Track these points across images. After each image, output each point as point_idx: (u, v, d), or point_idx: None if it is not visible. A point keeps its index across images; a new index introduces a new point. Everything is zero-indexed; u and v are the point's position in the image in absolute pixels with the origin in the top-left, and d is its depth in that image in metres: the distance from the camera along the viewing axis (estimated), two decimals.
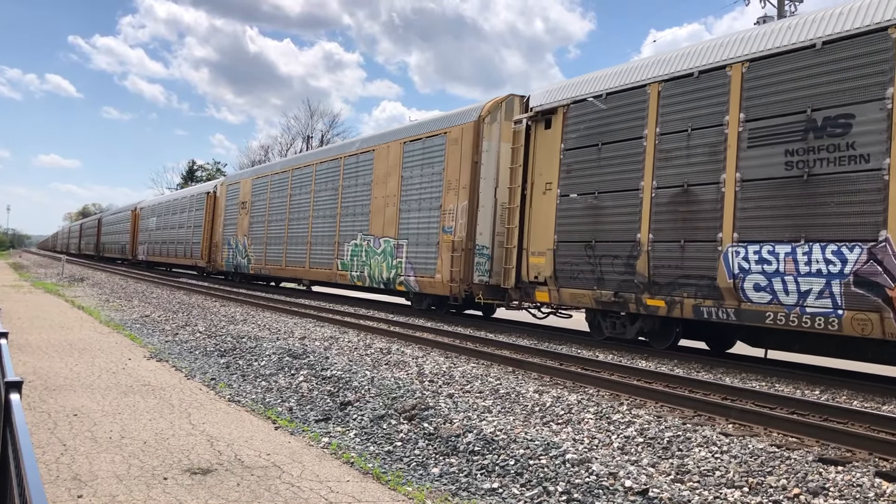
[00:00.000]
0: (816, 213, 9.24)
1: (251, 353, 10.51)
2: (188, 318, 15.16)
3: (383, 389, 7.72)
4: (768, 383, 9.21)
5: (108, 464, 5.09)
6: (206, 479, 4.90)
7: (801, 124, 9.49)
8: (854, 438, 6.15)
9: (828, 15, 9.59)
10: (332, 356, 9.93)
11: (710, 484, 4.99)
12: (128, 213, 53.11)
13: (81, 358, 9.59)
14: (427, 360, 9.95)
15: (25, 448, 1.83)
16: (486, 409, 7.06)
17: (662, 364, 10.66)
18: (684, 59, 11.29)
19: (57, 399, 7.06)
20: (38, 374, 8.30)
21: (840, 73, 9.20)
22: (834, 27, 9.37)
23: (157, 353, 10.39)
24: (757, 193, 9.92)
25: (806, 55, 9.60)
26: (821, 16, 9.70)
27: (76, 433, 5.86)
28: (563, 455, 5.44)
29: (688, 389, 8.44)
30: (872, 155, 8.77)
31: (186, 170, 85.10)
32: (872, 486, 4.88)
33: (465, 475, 5.36)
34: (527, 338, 13.44)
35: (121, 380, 8.24)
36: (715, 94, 10.64)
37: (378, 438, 6.32)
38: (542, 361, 10.17)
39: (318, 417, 7.08)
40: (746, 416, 6.99)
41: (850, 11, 9.31)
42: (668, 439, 6.00)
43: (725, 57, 10.64)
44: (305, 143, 64.66)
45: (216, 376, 9.00)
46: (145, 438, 5.81)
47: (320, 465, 5.41)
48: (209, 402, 7.39)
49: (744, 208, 10.05)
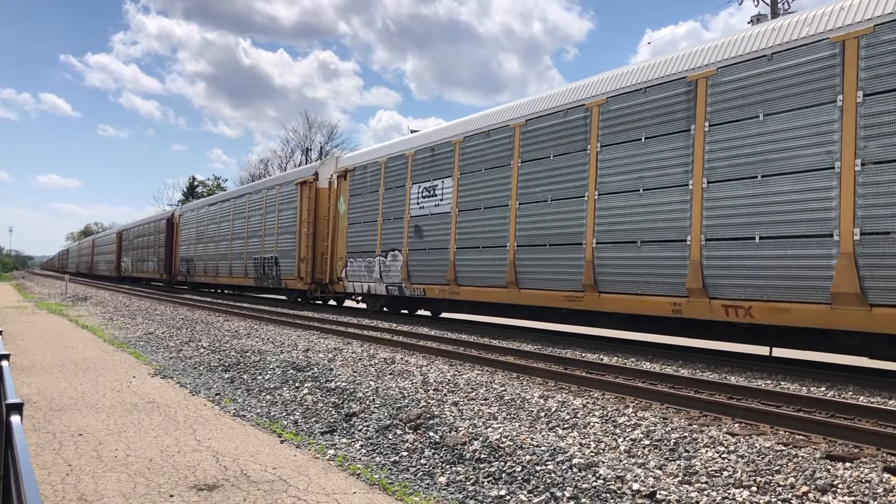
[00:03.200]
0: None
1: (255, 367, 10.50)
2: (192, 334, 15.17)
3: (388, 399, 7.71)
4: (774, 381, 9.18)
5: (113, 483, 5.08)
6: (213, 494, 4.89)
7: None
8: (861, 434, 6.12)
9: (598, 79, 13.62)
10: (337, 367, 9.92)
11: (718, 484, 4.97)
12: (161, 221, 44.56)
13: (86, 377, 9.59)
14: (431, 368, 9.94)
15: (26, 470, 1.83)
16: (492, 416, 7.05)
17: (667, 365, 10.64)
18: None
19: (62, 419, 7.05)
20: (42, 394, 8.29)
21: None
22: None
23: (162, 370, 10.38)
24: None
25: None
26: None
27: (81, 453, 5.85)
28: (570, 460, 5.42)
29: (693, 390, 8.42)
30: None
31: (187, 186, 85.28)
32: (881, 482, 4.86)
33: (472, 483, 5.35)
34: (531, 343, 13.42)
35: (125, 398, 8.23)
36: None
37: (384, 449, 6.31)
38: (547, 366, 10.15)
39: (323, 430, 7.07)
40: (753, 415, 6.97)
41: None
42: (674, 441, 5.98)
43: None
44: (304, 155, 64.83)
45: (221, 391, 8.99)
46: (151, 456, 5.80)
47: (326, 477, 5.40)
48: (214, 418, 7.38)
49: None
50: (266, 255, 27.49)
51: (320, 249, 23.89)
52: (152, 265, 45.25)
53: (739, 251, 10.28)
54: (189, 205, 44.56)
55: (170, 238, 41.88)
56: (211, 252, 34.54)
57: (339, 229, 22.47)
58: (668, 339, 13.73)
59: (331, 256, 23.03)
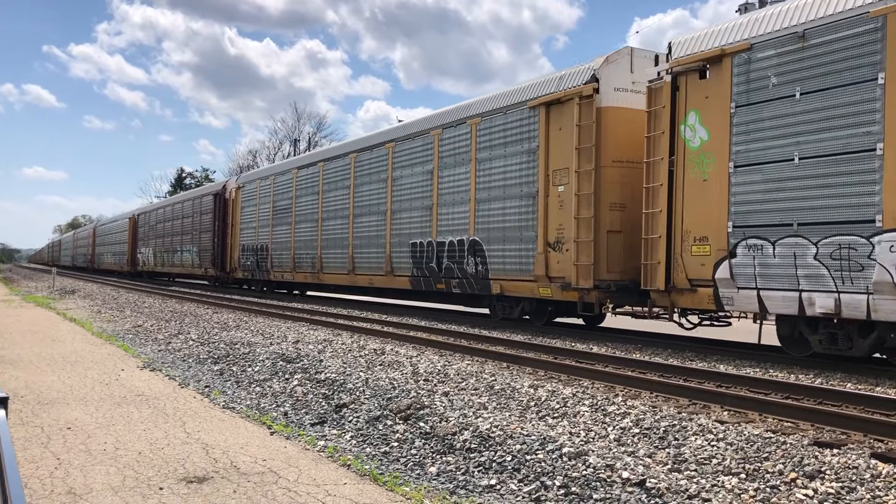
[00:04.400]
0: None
1: (245, 359, 10.47)
2: (181, 327, 15.11)
3: (378, 390, 7.71)
4: (762, 369, 9.24)
5: (103, 476, 5.06)
6: (203, 487, 4.87)
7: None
8: (849, 421, 6.17)
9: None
10: (326, 359, 9.90)
11: (707, 472, 5.00)
12: (206, 198, 32.70)
13: (74, 370, 9.53)
14: (421, 359, 9.94)
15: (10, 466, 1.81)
16: (482, 406, 7.06)
17: (657, 354, 10.68)
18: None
19: (50, 413, 7.01)
20: (30, 388, 8.24)
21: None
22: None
23: (151, 363, 10.34)
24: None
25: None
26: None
27: (70, 446, 5.82)
28: (560, 449, 5.44)
29: (682, 378, 8.46)
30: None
31: (175, 177, 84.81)
32: (868, 468, 4.89)
33: (462, 473, 5.35)
34: (521, 333, 13.44)
35: (114, 391, 8.19)
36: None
37: (374, 440, 6.30)
38: (537, 356, 10.17)
39: (313, 421, 7.06)
40: (741, 403, 7.01)
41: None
42: (664, 429, 6.00)
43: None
44: (293, 146, 64.52)
45: (210, 384, 8.96)
46: (140, 449, 5.78)
47: (317, 468, 5.39)
48: (204, 410, 7.36)
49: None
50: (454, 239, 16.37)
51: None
52: (189, 257, 34.37)
53: None
54: (255, 172, 32.15)
55: (222, 220, 30.48)
56: (306, 236, 23.71)
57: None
58: (659, 328, 13.79)
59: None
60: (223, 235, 30.25)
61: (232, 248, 29.57)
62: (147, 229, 43.74)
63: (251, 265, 27.69)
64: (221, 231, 30.43)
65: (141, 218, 46.02)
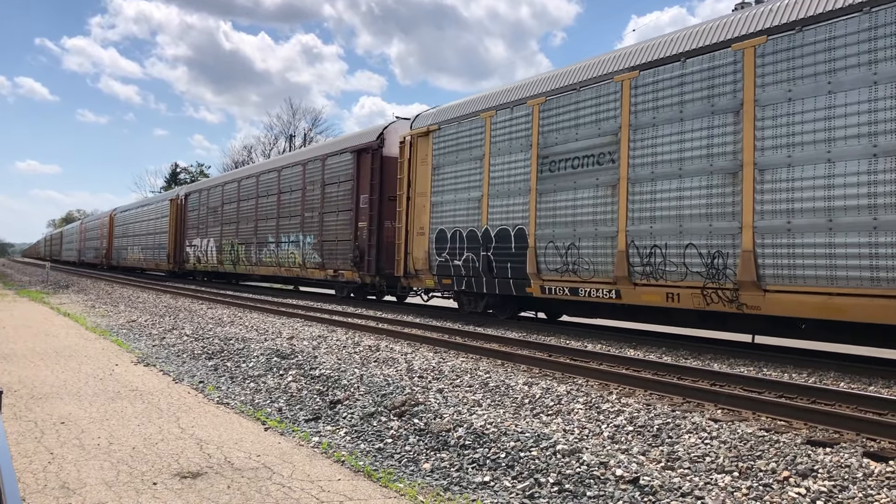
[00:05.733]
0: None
1: (239, 354, 10.46)
2: (175, 322, 15.08)
3: (373, 387, 7.71)
4: (756, 368, 9.27)
5: (96, 471, 5.05)
6: (196, 482, 4.87)
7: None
8: (842, 420, 6.19)
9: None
10: (321, 355, 9.90)
11: (701, 470, 5.01)
12: (346, 156, 20.72)
13: (68, 365, 9.51)
14: (416, 355, 9.94)
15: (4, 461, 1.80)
16: (477, 403, 7.06)
17: (651, 352, 10.71)
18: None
19: (43, 407, 7.00)
20: (23, 382, 8.22)
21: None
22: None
23: (145, 358, 10.32)
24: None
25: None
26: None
27: (64, 441, 5.81)
28: (554, 446, 5.45)
29: (676, 376, 8.48)
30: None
31: (170, 172, 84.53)
32: (861, 467, 4.91)
33: (456, 470, 5.36)
34: (516, 330, 13.46)
35: (108, 386, 8.18)
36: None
37: (368, 436, 6.31)
38: (531, 353, 10.18)
39: (307, 417, 7.06)
40: (735, 402, 7.03)
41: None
42: (657, 427, 6.02)
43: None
44: (288, 142, 64.38)
45: (204, 379, 8.95)
46: (134, 444, 5.77)
47: (311, 464, 5.40)
48: (198, 406, 7.35)
49: None
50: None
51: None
52: (295, 253, 23.11)
53: None
54: (459, 104, 18.76)
55: (378, 191, 19.45)
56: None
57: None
58: (654, 327, 13.82)
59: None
60: (379, 217, 19.10)
61: (410, 237, 17.21)
62: (204, 213, 31.92)
63: (461, 268, 15.38)
64: (377, 209, 19.14)
65: (192, 199, 33.85)
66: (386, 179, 18.99)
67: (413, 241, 17.13)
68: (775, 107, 9.80)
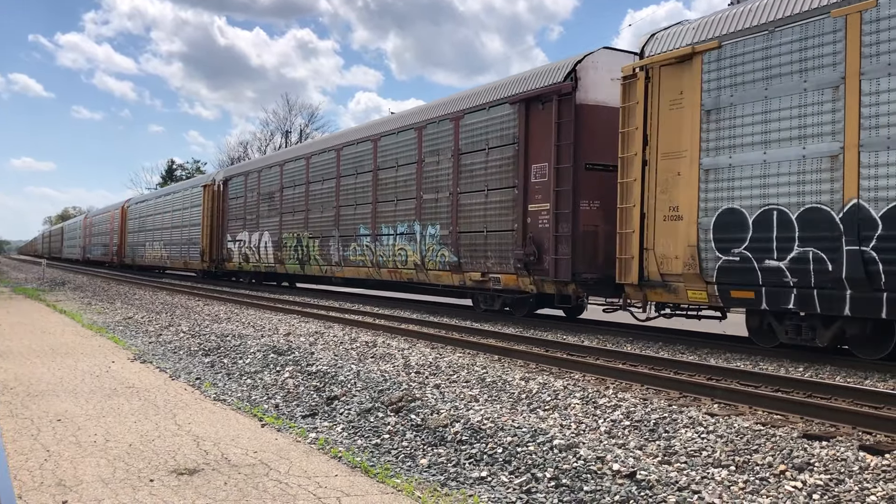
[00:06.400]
0: None
1: (236, 351, 10.45)
2: (171, 319, 15.06)
3: (370, 383, 7.71)
4: (752, 362, 9.29)
5: (93, 468, 5.04)
6: (193, 479, 4.86)
7: None
8: (838, 413, 6.21)
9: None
10: (318, 351, 9.89)
11: (698, 464, 5.02)
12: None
13: (64, 362, 9.49)
14: (413, 351, 9.94)
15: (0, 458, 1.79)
16: (473, 399, 7.07)
17: (647, 347, 10.72)
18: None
19: (40, 404, 6.98)
20: (20, 379, 8.20)
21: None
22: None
23: (141, 355, 10.30)
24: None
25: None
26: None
27: (60, 438, 5.79)
28: (551, 441, 5.45)
29: (673, 371, 8.49)
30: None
31: (166, 169, 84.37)
32: (857, 460, 4.93)
33: (453, 465, 5.36)
34: (512, 326, 13.46)
35: (104, 383, 8.16)
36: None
37: (365, 432, 6.30)
38: (528, 349, 10.19)
39: (304, 413, 7.05)
40: (731, 396, 7.05)
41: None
42: (654, 421, 6.03)
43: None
44: (284, 138, 64.28)
45: (201, 376, 8.94)
46: (130, 441, 5.76)
47: (308, 460, 5.39)
48: (194, 402, 7.34)
49: None
50: None
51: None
52: (404, 249, 15.57)
53: None
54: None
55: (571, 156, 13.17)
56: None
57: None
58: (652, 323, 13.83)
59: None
60: (574, 196, 12.92)
61: (648, 225, 11.23)
62: (252, 200, 26.11)
63: (786, 273, 9.38)
64: (570, 184, 12.95)
65: (234, 184, 27.91)
66: (582, 139, 12.97)
67: (656, 231, 11.08)
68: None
